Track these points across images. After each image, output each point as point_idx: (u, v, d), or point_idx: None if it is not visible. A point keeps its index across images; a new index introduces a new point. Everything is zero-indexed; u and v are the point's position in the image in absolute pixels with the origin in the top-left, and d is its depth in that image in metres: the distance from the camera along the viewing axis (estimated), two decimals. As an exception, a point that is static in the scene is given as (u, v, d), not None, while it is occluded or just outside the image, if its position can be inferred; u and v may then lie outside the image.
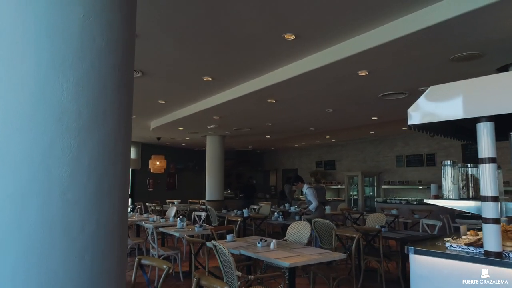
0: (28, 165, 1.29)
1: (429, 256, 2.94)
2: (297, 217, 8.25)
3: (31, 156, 1.29)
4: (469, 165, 3.30)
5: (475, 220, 7.86)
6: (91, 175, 1.37)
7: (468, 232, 3.32)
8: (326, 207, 9.14)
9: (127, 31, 1.50)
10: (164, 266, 3.10)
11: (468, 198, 3.19)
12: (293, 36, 4.25)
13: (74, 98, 1.35)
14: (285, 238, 5.41)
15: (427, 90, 3.04)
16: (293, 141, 14.70)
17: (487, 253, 2.70)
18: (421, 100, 3.08)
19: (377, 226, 6.30)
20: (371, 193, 13.96)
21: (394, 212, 8.69)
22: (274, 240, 4.58)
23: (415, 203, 10.91)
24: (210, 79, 6.07)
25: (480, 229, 3.62)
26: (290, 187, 13.83)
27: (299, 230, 5.35)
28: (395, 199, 11.70)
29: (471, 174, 3.29)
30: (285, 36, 4.27)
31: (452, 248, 2.95)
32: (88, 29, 1.38)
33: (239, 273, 3.65)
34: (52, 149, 1.32)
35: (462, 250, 2.89)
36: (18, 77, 1.31)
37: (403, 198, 11.72)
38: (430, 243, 3.30)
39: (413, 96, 6.34)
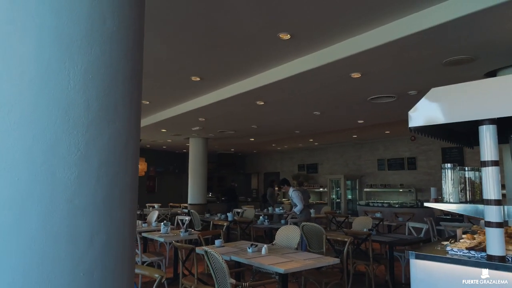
0: (28, 165, 1.09)
1: (431, 260, 2.89)
2: (283, 221, 8.17)
3: (31, 155, 1.09)
4: (466, 168, 3.29)
5: (458, 223, 8.03)
6: (100, 178, 1.18)
7: (464, 236, 3.31)
8: (311, 210, 9.10)
9: (138, 14, 1.33)
10: (157, 275, 2.92)
11: (466, 201, 3.18)
12: (289, 35, 4.15)
13: (83, 88, 1.17)
14: (274, 243, 5.32)
15: (428, 92, 3.00)
16: (276, 144, 14.65)
17: (490, 257, 2.67)
18: (422, 102, 3.03)
19: (364, 230, 6.30)
20: (352, 196, 14.07)
21: (378, 215, 8.76)
22: (265, 245, 4.47)
23: (397, 206, 11.06)
24: (198, 79, 5.89)
25: (474, 232, 3.64)
26: (272, 190, 13.77)
27: (288, 234, 5.27)
28: (377, 202, 11.83)
29: (468, 177, 3.28)
30: (281, 35, 4.16)
31: (453, 252, 2.91)
32: (98, 8, 1.21)
33: (233, 281, 3.50)
34: (57, 147, 1.12)
35: (464, 254, 2.86)
36: (16, 61, 1.11)
37: (385, 201, 11.85)
38: (429, 247, 3.27)
39: (401, 100, 6.38)
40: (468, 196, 3.24)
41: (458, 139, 4.00)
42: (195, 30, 4.12)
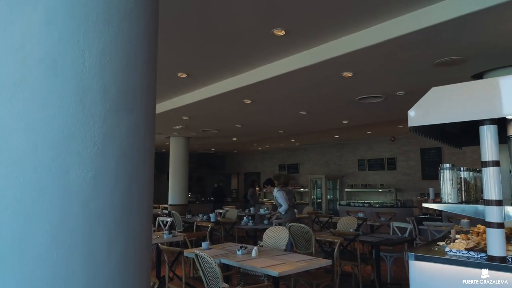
0: (35, 163, 0.90)
1: (431, 262, 2.86)
2: (266, 221, 8.06)
3: (39, 151, 0.91)
4: (461, 168, 3.29)
5: (440, 222, 8.19)
6: (119, 178, 0.99)
7: (458, 236, 3.31)
8: (295, 210, 9.04)
9: (155, -7, 1.18)
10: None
11: (462, 202, 3.17)
12: (283, 31, 4.04)
13: (99, 72, 0.98)
14: (261, 244, 5.22)
15: (428, 92, 2.97)
16: (257, 144, 14.54)
17: (490, 257, 2.66)
18: (422, 102, 3.00)
19: (350, 230, 6.29)
20: (332, 197, 14.17)
21: (361, 215, 8.82)
22: (255, 247, 4.36)
23: (377, 206, 11.21)
24: (185, 75, 5.69)
25: (467, 232, 3.66)
26: (253, 191, 13.66)
27: (276, 235, 5.18)
28: (358, 202, 11.96)
29: (463, 178, 3.28)
30: (275, 31, 4.04)
31: (452, 253, 2.89)
32: (116, -19, 1.02)
33: (226, 285, 3.36)
34: (70, 141, 0.93)
35: (463, 255, 2.84)
36: (20, 35, 0.91)
37: (365, 201, 12.00)
38: (426, 248, 3.25)
39: (388, 100, 6.41)
40: (464, 197, 3.25)
41: (448, 139, 4.02)
42: (185, 24, 3.93)
